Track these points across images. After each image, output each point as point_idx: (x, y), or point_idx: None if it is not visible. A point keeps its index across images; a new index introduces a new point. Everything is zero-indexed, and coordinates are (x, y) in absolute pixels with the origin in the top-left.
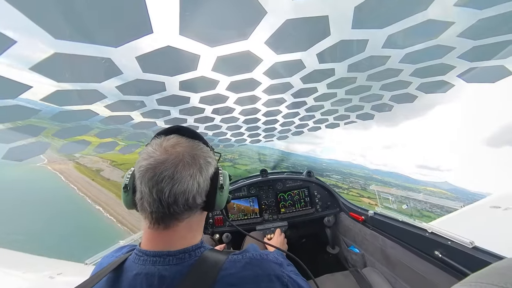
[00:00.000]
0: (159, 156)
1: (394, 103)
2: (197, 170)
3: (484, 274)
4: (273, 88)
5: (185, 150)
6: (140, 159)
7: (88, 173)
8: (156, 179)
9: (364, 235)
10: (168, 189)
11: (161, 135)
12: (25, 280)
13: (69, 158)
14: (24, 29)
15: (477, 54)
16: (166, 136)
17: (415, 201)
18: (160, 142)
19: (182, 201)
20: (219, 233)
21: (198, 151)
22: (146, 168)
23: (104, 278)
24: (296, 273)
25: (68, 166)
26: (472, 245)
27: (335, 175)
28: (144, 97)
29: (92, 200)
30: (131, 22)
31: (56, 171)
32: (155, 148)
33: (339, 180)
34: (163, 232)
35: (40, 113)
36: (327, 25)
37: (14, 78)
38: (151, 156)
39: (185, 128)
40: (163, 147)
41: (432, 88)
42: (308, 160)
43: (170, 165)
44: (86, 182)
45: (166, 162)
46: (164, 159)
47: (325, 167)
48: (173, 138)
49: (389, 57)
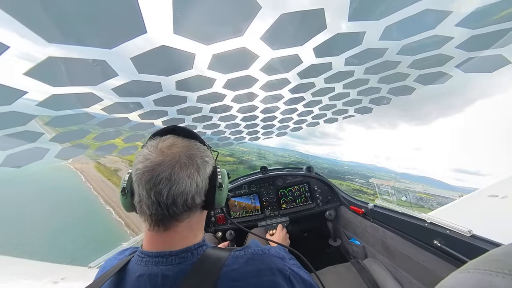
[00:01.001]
0: (155, 158)
1: (392, 96)
2: (194, 170)
3: (482, 261)
4: (270, 84)
5: (181, 150)
6: (136, 161)
7: (105, 173)
8: (153, 182)
9: (364, 227)
10: (166, 191)
11: (156, 136)
12: (28, 286)
13: (92, 157)
14: (16, 34)
15: (475, 44)
16: (162, 137)
17: (414, 193)
18: (155, 144)
19: (181, 202)
20: (221, 231)
21: (194, 150)
22: (143, 171)
23: (108, 281)
24: (299, 266)
25: (89, 166)
26: (470, 234)
27: (358, 179)
28: (140, 98)
29: (104, 200)
30: (124, 23)
31: (77, 170)
32: (151, 150)
33: (363, 185)
34: (164, 233)
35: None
36: (323, 18)
37: (8, 84)
38: (147, 158)
39: (181, 128)
40: (158, 149)
41: (430, 80)
42: (328, 163)
43: (167, 166)
44: (102, 181)
45: (162, 164)
46: (160, 161)
47: (346, 169)
48: (168, 138)
49: (386, 49)
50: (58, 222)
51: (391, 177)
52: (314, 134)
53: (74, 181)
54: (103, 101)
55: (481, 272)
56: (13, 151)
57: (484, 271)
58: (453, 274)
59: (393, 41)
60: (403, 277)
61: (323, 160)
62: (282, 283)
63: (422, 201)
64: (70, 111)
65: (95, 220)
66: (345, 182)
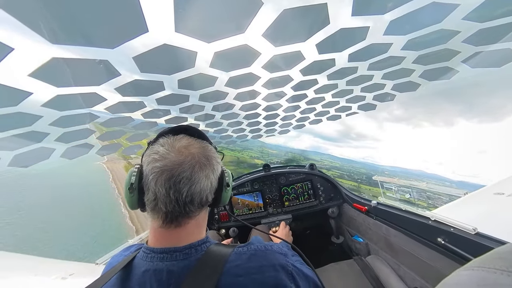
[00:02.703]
0: (175, 158)
1: (396, 92)
2: (210, 170)
3: (487, 259)
4: (272, 81)
5: (199, 151)
6: (151, 159)
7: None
8: (174, 180)
9: (367, 224)
10: (186, 190)
11: (168, 134)
12: (38, 282)
13: (125, 158)
14: (21, 36)
15: (483, 38)
16: (175, 136)
17: (418, 190)
18: (171, 142)
19: (198, 200)
20: (225, 228)
21: (209, 152)
22: (162, 169)
23: (114, 277)
24: (301, 262)
25: (119, 166)
26: (475, 231)
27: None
28: (143, 97)
29: (123, 202)
30: (126, 22)
31: (108, 170)
32: (168, 149)
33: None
34: (174, 230)
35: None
36: (326, 14)
37: (14, 86)
38: (165, 157)
39: (193, 128)
40: (176, 148)
41: (436, 75)
42: (366, 167)
43: (188, 166)
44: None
45: (183, 164)
46: (181, 161)
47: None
48: (183, 138)
49: (391, 44)
50: (67, 220)
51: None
52: (349, 136)
53: (101, 180)
54: (106, 100)
55: (485, 270)
56: (20, 151)
57: (488, 269)
58: (457, 272)
59: (398, 36)
60: (406, 274)
61: (359, 164)
62: (284, 279)
63: (432, 199)
64: (74, 111)
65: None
66: (387, 191)
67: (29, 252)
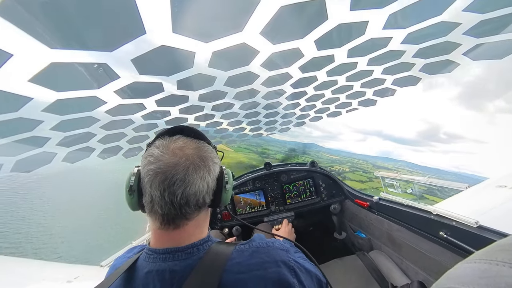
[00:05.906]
0: (169, 160)
1: (397, 87)
2: (206, 171)
3: (488, 251)
4: (271, 80)
5: (194, 152)
6: (146, 162)
7: None
8: (167, 183)
9: (369, 220)
10: (180, 192)
11: (164, 136)
12: (44, 286)
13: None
14: (19, 42)
15: (485, 29)
16: (171, 137)
17: (419, 185)
18: (166, 144)
19: (194, 202)
20: (228, 227)
21: (205, 152)
22: (156, 172)
23: (118, 279)
24: (304, 258)
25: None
26: (477, 225)
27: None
28: (143, 99)
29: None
30: (123, 25)
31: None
32: (163, 151)
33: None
34: (173, 231)
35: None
36: (323, 9)
37: (14, 92)
38: (159, 159)
39: (189, 128)
40: (171, 150)
41: (437, 69)
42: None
43: (182, 168)
44: None
45: (177, 165)
46: (174, 162)
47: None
48: (179, 139)
49: (390, 38)
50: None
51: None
52: (434, 138)
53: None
54: (106, 103)
55: (487, 262)
56: (22, 156)
57: (491, 261)
58: (459, 264)
59: (397, 29)
60: (409, 268)
61: (453, 176)
62: (287, 274)
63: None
64: (75, 115)
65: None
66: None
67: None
